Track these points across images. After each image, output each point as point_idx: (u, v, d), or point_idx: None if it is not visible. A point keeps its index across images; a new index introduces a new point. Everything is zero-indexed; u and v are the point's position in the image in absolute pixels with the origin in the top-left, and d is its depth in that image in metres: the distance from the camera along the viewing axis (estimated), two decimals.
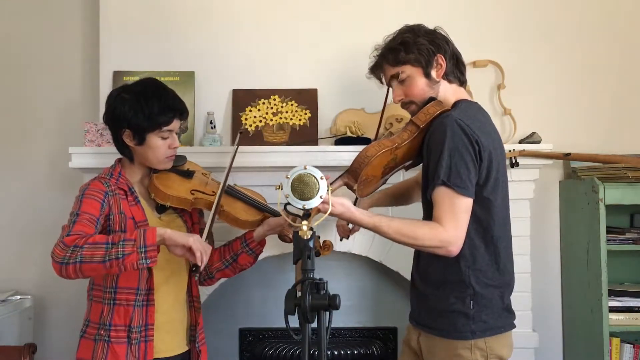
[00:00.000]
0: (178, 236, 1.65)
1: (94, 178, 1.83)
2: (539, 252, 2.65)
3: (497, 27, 2.68)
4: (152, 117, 1.78)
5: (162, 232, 1.63)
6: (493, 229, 1.70)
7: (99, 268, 1.58)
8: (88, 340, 1.76)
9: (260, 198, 2.05)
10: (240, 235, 2.02)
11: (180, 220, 1.92)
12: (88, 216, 1.69)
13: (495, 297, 1.70)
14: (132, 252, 1.57)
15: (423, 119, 1.74)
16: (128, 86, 1.87)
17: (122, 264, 1.57)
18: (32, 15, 2.75)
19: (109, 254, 1.57)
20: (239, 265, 2.00)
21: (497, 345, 1.69)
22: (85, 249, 1.57)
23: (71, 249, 1.58)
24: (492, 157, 1.68)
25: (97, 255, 1.57)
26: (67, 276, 1.60)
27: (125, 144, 1.82)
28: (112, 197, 1.78)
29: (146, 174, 1.90)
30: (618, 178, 2.45)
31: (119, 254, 1.57)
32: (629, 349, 2.52)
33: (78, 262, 1.57)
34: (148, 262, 1.59)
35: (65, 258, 1.57)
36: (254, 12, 2.63)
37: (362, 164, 1.69)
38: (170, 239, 1.64)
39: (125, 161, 1.89)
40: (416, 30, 1.80)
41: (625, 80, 2.75)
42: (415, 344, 1.82)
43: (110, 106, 1.83)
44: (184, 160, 1.96)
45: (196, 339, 1.90)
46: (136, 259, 1.58)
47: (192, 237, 1.66)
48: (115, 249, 1.57)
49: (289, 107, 2.59)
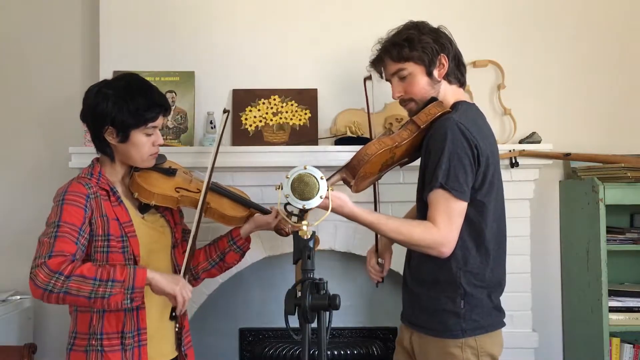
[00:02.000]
0: (165, 283, 1.64)
1: (73, 179, 1.75)
2: (539, 252, 2.65)
3: (497, 27, 2.68)
4: (138, 113, 1.71)
5: (151, 276, 1.62)
6: (485, 231, 1.71)
7: (83, 302, 1.58)
8: (78, 353, 1.70)
9: (244, 195, 2.05)
10: (226, 233, 2.01)
11: (163, 220, 1.88)
12: (69, 228, 1.62)
13: (484, 297, 1.72)
14: (118, 293, 1.57)
15: (424, 120, 1.74)
16: (108, 81, 1.79)
17: (107, 303, 1.57)
18: (32, 15, 2.75)
19: (95, 291, 1.55)
20: (226, 264, 1.99)
21: (487, 343, 1.71)
22: (72, 280, 1.54)
23: (56, 277, 1.53)
24: (490, 162, 1.70)
25: (84, 290, 1.55)
26: (48, 302, 1.57)
27: (106, 142, 1.74)
28: (94, 199, 1.71)
29: (127, 173, 1.83)
30: (618, 178, 2.45)
31: (105, 294, 1.56)
32: (629, 349, 2.52)
33: (63, 293, 1.54)
34: (131, 303, 1.60)
35: (49, 285, 1.53)
36: (254, 12, 2.63)
37: (361, 161, 1.70)
38: (157, 285, 1.64)
39: (105, 160, 1.80)
40: (421, 28, 1.80)
41: (625, 80, 2.75)
42: (408, 344, 1.83)
43: (90, 103, 1.74)
44: (164, 159, 1.92)
45: (182, 343, 1.87)
46: (121, 299, 1.58)
47: (178, 286, 1.65)
48: (103, 287, 1.56)
49: (289, 107, 2.59)
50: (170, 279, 1.67)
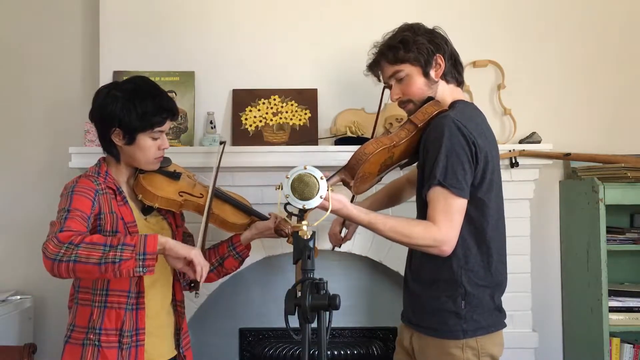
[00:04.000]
0: (180, 247, 1.61)
1: (81, 176, 1.76)
2: (539, 252, 2.65)
3: (497, 27, 2.68)
4: (145, 116, 1.72)
5: (163, 240, 1.58)
6: (486, 230, 1.71)
7: (93, 270, 1.51)
8: (74, 346, 1.69)
9: (245, 201, 2.05)
10: (226, 239, 2.01)
11: (165, 223, 1.89)
12: (80, 213, 1.62)
13: (485, 297, 1.72)
14: (130, 258, 1.51)
15: (421, 118, 1.74)
16: (118, 84, 1.80)
17: (118, 269, 1.51)
18: (32, 15, 2.75)
19: (105, 256, 1.50)
20: (224, 269, 1.98)
21: (488, 344, 1.70)
22: (81, 247, 1.50)
23: (66, 246, 1.50)
24: (488, 159, 1.70)
25: (94, 256, 1.50)
26: (58, 274, 1.52)
27: (113, 143, 1.76)
28: (103, 195, 1.72)
29: (132, 174, 1.84)
30: (618, 178, 2.45)
31: (116, 258, 1.50)
32: (629, 349, 2.52)
33: (72, 261, 1.49)
34: (145, 270, 1.53)
35: (59, 255, 1.50)
36: (254, 12, 2.63)
37: (359, 160, 1.70)
38: (171, 250, 1.59)
39: (111, 160, 1.81)
40: (416, 29, 1.80)
41: (625, 80, 2.75)
42: (408, 344, 1.83)
43: (99, 104, 1.76)
44: (169, 162, 1.93)
45: (180, 344, 1.87)
46: (133, 266, 1.52)
47: (193, 250, 1.61)
48: (113, 252, 1.51)
49: (289, 107, 2.59)
50: (184, 245, 1.64)
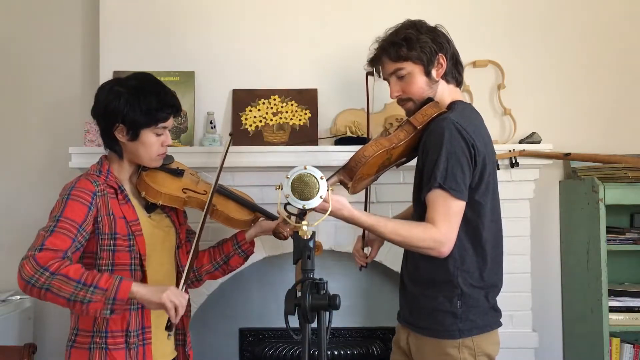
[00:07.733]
0: (150, 295, 1.58)
1: (81, 176, 1.75)
2: (539, 252, 2.65)
3: (497, 27, 2.68)
4: (149, 112, 1.71)
5: (135, 289, 1.56)
6: (482, 231, 1.71)
7: (62, 303, 1.54)
8: (80, 350, 1.68)
9: (249, 198, 2.05)
10: (231, 236, 2.01)
11: (168, 220, 1.88)
12: (69, 224, 1.60)
13: (481, 297, 1.72)
14: (98, 301, 1.53)
15: (420, 120, 1.74)
16: (121, 80, 1.79)
17: (86, 309, 1.53)
18: (32, 15, 2.75)
19: (76, 294, 1.52)
20: (230, 267, 1.99)
21: (484, 343, 1.71)
22: (56, 278, 1.52)
23: (41, 272, 1.52)
24: (486, 162, 1.70)
25: (65, 290, 1.52)
26: (29, 295, 1.55)
27: (116, 139, 1.75)
28: (101, 197, 1.70)
29: (135, 171, 1.83)
30: (618, 178, 2.45)
31: (85, 299, 1.52)
32: (629, 349, 2.52)
33: (44, 289, 1.52)
34: (112, 314, 1.56)
35: (32, 279, 1.51)
36: (254, 12, 2.63)
37: (359, 162, 1.70)
38: (142, 299, 1.58)
39: (113, 157, 1.80)
40: (419, 27, 1.79)
41: (625, 80, 2.75)
42: (405, 344, 1.83)
43: (102, 100, 1.74)
44: (172, 159, 1.93)
45: (185, 343, 1.87)
46: (100, 308, 1.54)
47: (165, 293, 1.57)
48: (84, 292, 1.52)
49: (289, 107, 2.59)
50: (155, 288, 1.60)
